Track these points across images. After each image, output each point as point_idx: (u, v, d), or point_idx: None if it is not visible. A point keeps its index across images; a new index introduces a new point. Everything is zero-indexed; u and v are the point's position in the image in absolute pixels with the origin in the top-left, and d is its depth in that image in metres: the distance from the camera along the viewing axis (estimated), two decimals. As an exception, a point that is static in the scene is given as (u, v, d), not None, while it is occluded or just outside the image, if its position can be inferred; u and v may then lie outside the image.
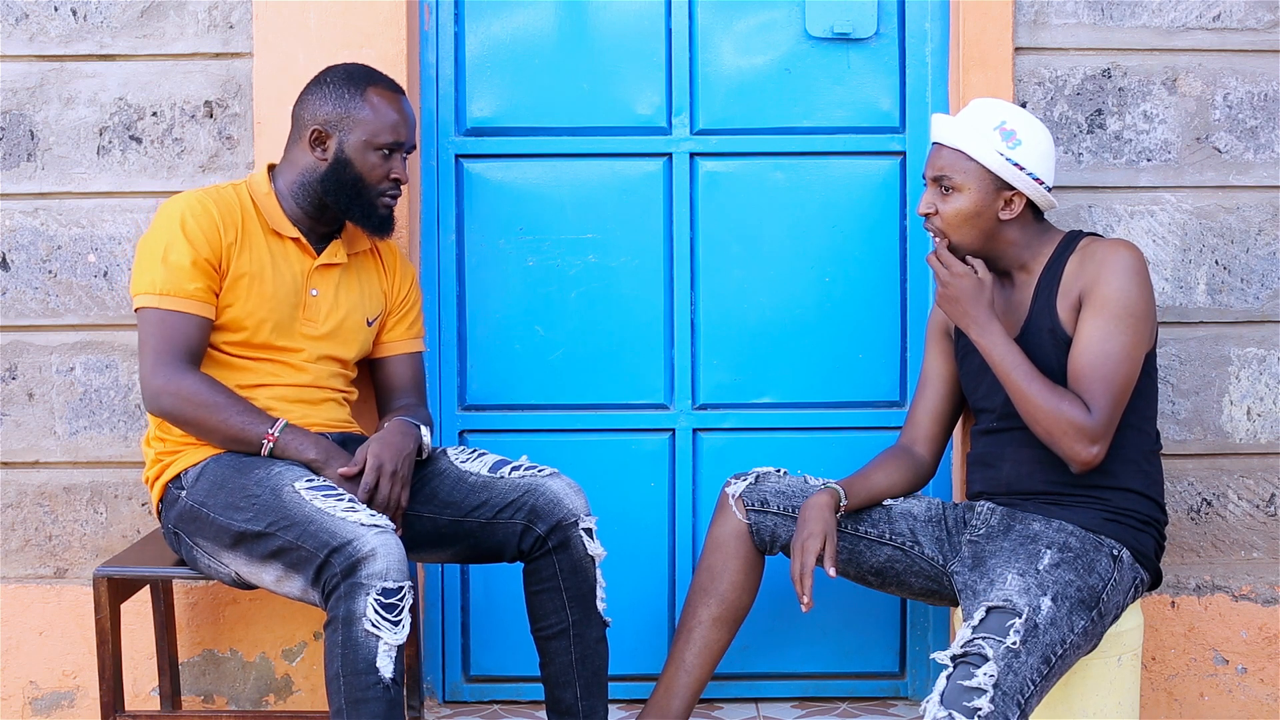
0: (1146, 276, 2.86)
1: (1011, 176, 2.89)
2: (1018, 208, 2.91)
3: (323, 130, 2.95)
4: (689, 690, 3.03)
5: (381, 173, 2.96)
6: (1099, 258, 2.87)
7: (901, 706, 3.49)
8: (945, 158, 2.92)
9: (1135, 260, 2.85)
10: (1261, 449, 3.38)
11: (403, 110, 2.98)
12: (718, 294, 3.46)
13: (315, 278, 3.01)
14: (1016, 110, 2.93)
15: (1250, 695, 3.39)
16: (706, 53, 3.44)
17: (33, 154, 3.31)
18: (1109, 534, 2.85)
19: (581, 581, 2.94)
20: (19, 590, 3.36)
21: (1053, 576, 2.72)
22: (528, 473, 2.97)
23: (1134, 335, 2.83)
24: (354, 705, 2.64)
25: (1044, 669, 2.63)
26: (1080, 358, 2.83)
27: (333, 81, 2.97)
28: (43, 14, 3.30)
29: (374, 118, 2.94)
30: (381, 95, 2.96)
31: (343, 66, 3.01)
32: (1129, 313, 2.83)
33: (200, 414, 2.85)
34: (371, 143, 2.94)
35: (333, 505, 2.72)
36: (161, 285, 2.87)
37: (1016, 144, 2.89)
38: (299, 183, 2.99)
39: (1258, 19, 3.32)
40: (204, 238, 2.89)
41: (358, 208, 2.97)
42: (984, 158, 2.88)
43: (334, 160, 2.95)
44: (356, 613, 2.62)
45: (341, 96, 2.95)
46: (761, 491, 3.04)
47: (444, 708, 3.50)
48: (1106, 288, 2.84)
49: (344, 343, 3.05)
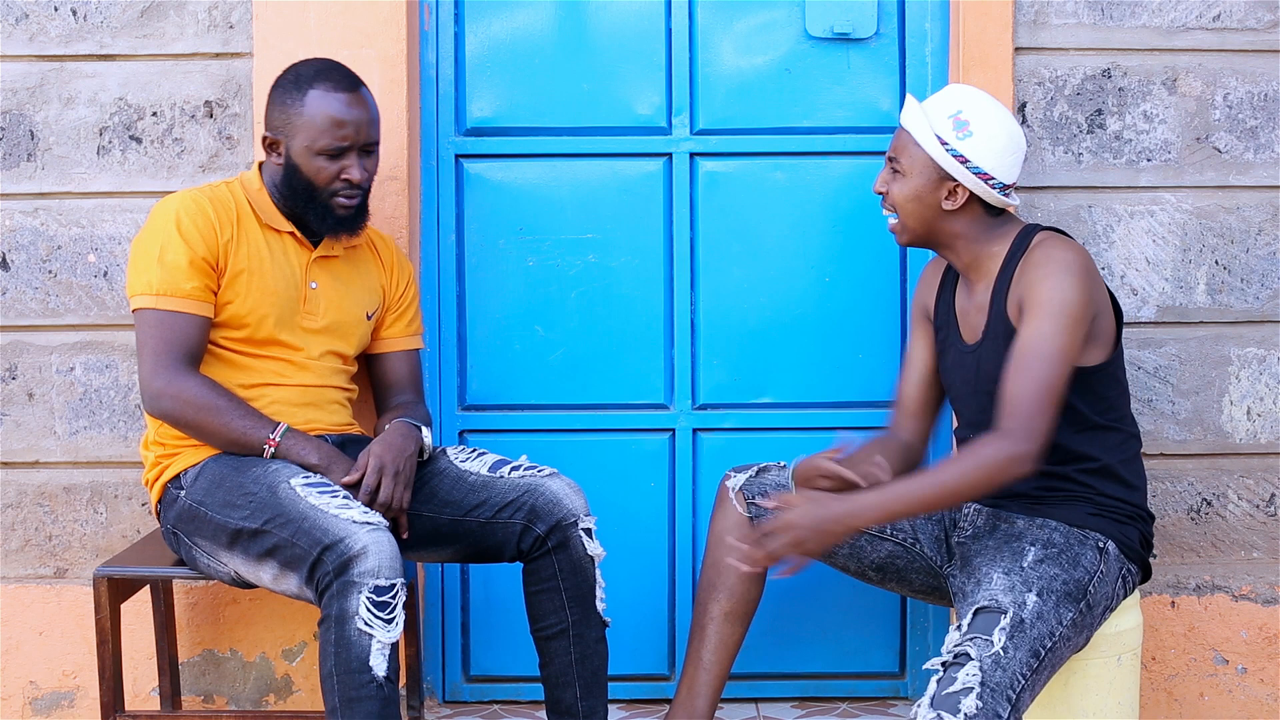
0: (1085, 274, 2.80)
1: (951, 168, 2.84)
2: (960, 200, 2.87)
3: (271, 136, 2.93)
4: (710, 687, 3.04)
5: (329, 175, 2.91)
6: (1038, 260, 2.82)
7: (901, 706, 3.49)
8: (900, 139, 2.91)
9: (1076, 260, 2.80)
10: (1261, 449, 3.38)
11: (349, 108, 2.90)
12: (718, 294, 3.46)
13: (314, 270, 3.00)
14: (982, 102, 2.88)
15: (1250, 695, 3.39)
16: (706, 53, 3.44)
17: (33, 154, 3.31)
18: (1093, 527, 2.84)
19: (581, 581, 2.94)
20: (19, 590, 3.36)
21: (1037, 572, 2.72)
22: (527, 473, 2.97)
23: (1068, 334, 2.76)
24: (348, 704, 2.64)
25: (1033, 663, 2.63)
26: (1013, 363, 2.76)
27: (282, 84, 2.94)
28: (43, 14, 3.30)
29: (313, 122, 2.88)
30: (324, 96, 2.89)
31: (294, 67, 2.95)
32: (1063, 312, 2.77)
33: (201, 417, 2.85)
34: (312, 148, 2.89)
35: (326, 502, 2.72)
36: (158, 285, 2.86)
37: (966, 135, 2.84)
38: (273, 184, 2.98)
39: (1258, 19, 3.32)
40: (200, 236, 2.88)
41: (312, 211, 2.94)
42: (926, 144, 2.85)
43: (285, 166, 2.93)
44: (349, 611, 2.62)
45: (284, 101, 2.91)
46: (762, 484, 3.04)
47: (444, 708, 3.50)
48: (1042, 289, 2.78)
49: (344, 336, 3.04)
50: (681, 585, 3.49)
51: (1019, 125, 2.91)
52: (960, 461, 2.74)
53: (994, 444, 2.72)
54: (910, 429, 3.07)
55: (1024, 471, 2.72)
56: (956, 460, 2.75)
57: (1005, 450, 2.71)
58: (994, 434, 2.74)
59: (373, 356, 3.17)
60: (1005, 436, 2.72)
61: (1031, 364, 2.74)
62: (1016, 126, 2.89)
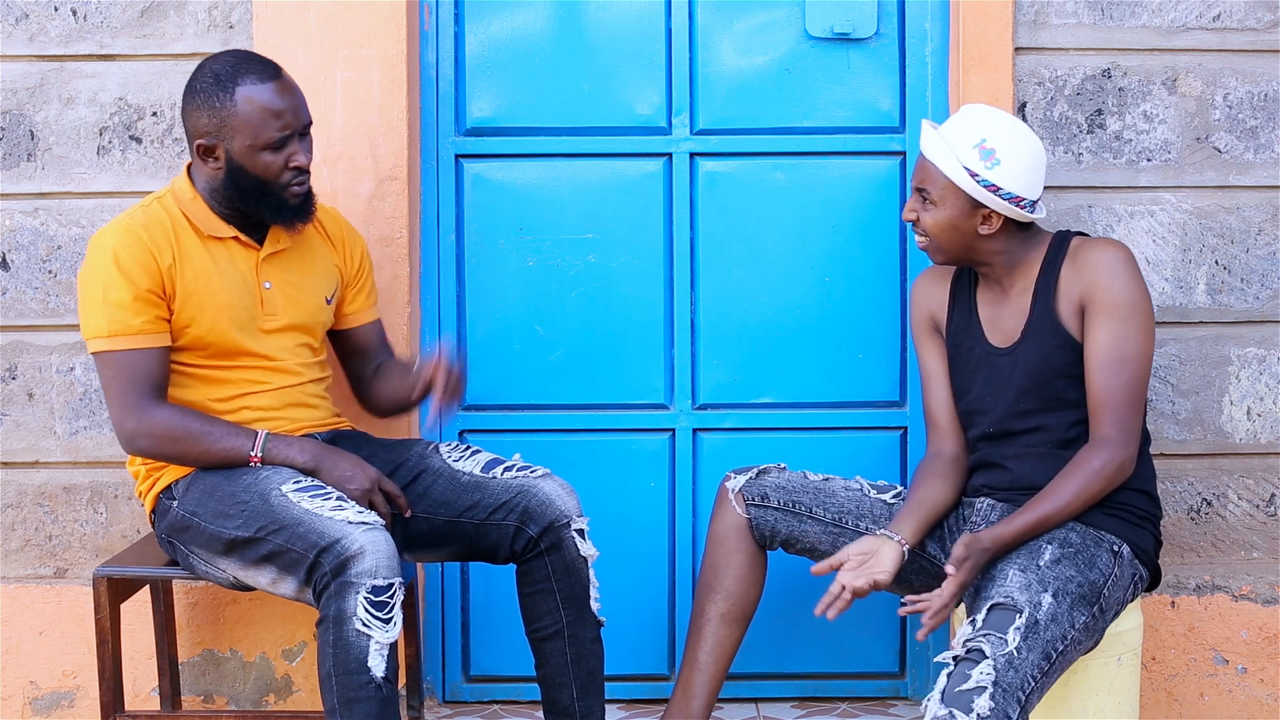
0: (1139, 271, 2.89)
1: (984, 198, 2.87)
2: (996, 224, 2.90)
3: (205, 143, 2.85)
4: (706, 689, 3.04)
5: (278, 166, 2.86)
6: (1094, 259, 2.88)
7: (901, 706, 3.49)
8: (926, 171, 2.92)
9: (1129, 257, 2.88)
10: (1261, 449, 3.38)
11: (281, 96, 2.85)
12: (718, 294, 3.46)
13: (265, 270, 2.94)
14: (1002, 124, 2.89)
15: (1250, 695, 3.39)
16: (706, 53, 3.44)
17: (33, 154, 3.31)
18: (1109, 529, 2.85)
19: (575, 582, 2.94)
20: (19, 590, 3.36)
21: (1053, 572, 2.73)
22: (520, 473, 2.96)
23: (1144, 333, 2.86)
24: (346, 705, 2.64)
25: (1044, 665, 2.64)
26: (1099, 370, 2.85)
27: (203, 88, 2.85)
28: (43, 14, 3.30)
29: (250, 118, 2.82)
30: (254, 89, 2.83)
31: (209, 66, 2.87)
32: (1136, 310, 2.86)
33: (180, 448, 2.82)
34: (256, 144, 2.83)
35: (320, 505, 2.71)
36: (108, 327, 2.80)
37: (994, 164, 2.86)
38: (209, 190, 2.91)
39: (1258, 19, 3.32)
40: (140, 268, 2.81)
41: (266, 206, 2.89)
42: (957, 178, 2.87)
43: (227, 168, 2.86)
44: (347, 612, 2.62)
45: (212, 104, 2.84)
46: (762, 486, 3.04)
47: (444, 708, 3.50)
48: (1110, 291, 2.85)
49: (307, 329, 3.01)
50: (681, 585, 3.49)
51: (1035, 136, 2.92)
52: (1074, 478, 2.82)
53: (1100, 455, 2.83)
54: (953, 441, 3.07)
55: (1128, 475, 2.85)
56: (1070, 477, 2.83)
57: (1113, 459, 2.82)
58: (1095, 444, 2.84)
59: (340, 333, 3.12)
60: (1107, 445, 2.83)
61: (1119, 368, 2.84)
62: (1036, 141, 2.92)
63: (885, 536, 2.90)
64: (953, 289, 3.07)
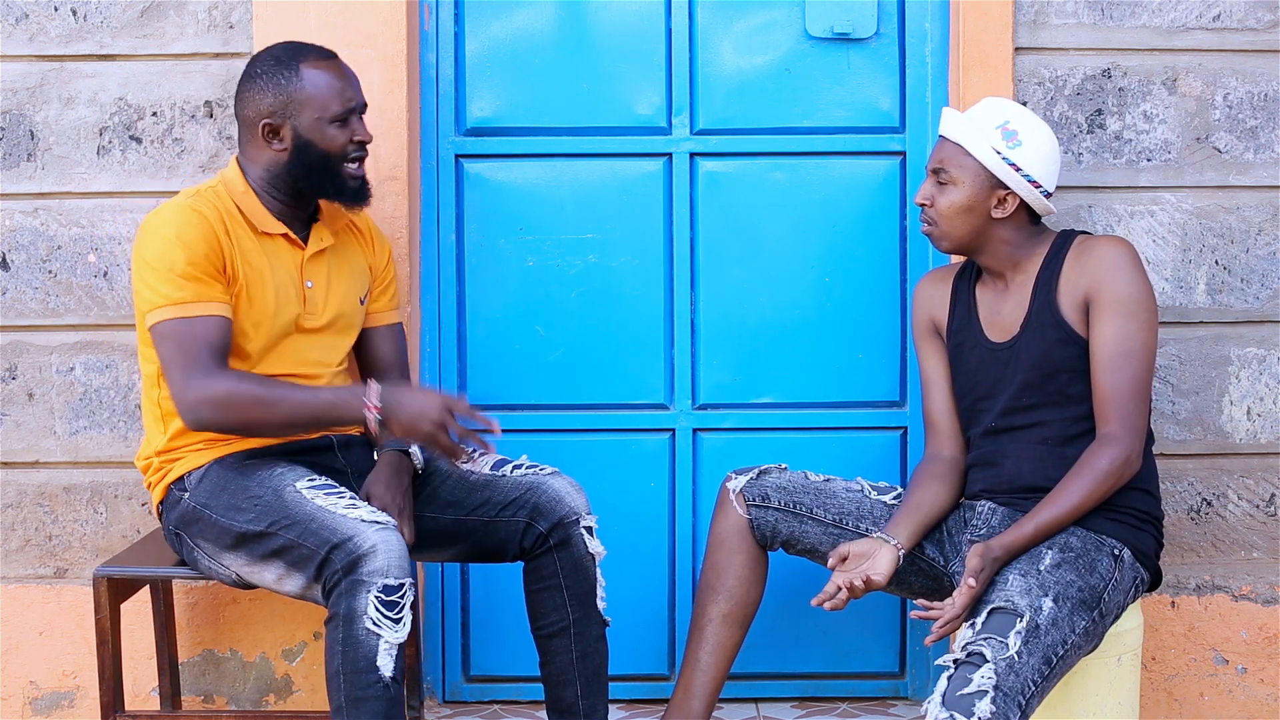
0: (1144, 267, 2.91)
1: (1006, 176, 2.90)
2: (1010, 207, 2.92)
3: (272, 122, 2.88)
4: (706, 690, 3.05)
5: (343, 141, 2.89)
6: (1099, 255, 2.89)
7: (901, 706, 3.49)
8: (946, 150, 2.94)
9: (1133, 254, 2.89)
10: (1261, 449, 3.38)
11: (343, 74, 2.91)
12: (718, 294, 3.46)
13: (309, 269, 2.96)
14: (1024, 113, 2.94)
15: (1250, 695, 3.39)
16: (706, 53, 3.44)
17: (33, 154, 3.31)
18: (1110, 533, 2.86)
19: (582, 580, 2.95)
20: (19, 590, 3.36)
21: (1054, 577, 2.73)
22: (529, 471, 2.98)
23: (1149, 329, 2.87)
24: (354, 704, 2.64)
25: (1045, 669, 2.64)
26: (1104, 366, 2.86)
27: (264, 71, 2.89)
28: (43, 14, 3.30)
29: (318, 92, 2.87)
30: (317, 67, 2.88)
31: (265, 54, 2.92)
32: (1142, 306, 2.87)
33: (251, 413, 2.76)
34: (324, 117, 2.87)
35: (334, 503, 2.72)
36: (168, 295, 2.77)
37: (1016, 144, 2.90)
38: (267, 178, 2.91)
39: (1258, 19, 3.32)
40: (203, 242, 2.80)
41: (330, 184, 2.90)
42: (981, 154, 2.90)
43: (294, 146, 2.88)
44: (357, 610, 2.62)
45: (277, 82, 2.87)
46: (763, 486, 3.05)
47: (444, 708, 3.50)
48: (1116, 286, 2.87)
49: (344, 329, 3.01)
50: (681, 585, 3.49)
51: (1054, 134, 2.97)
52: (1082, 479, 2.83)
53: (1106, 454, 2.83)
54: (952, 444, 3.08)
55: (1136, 470, 2.85)
56: (1078, 478, 2.83)
57: (1119, 456, 2.83)
58: (1101, 442, 2.84)
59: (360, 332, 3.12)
60: (1114, 442, 2.83)
61: (1123, 364, 2.85)
62: (1054, 138, 2.96)
63: (881, 540, 2.92)
64: (953, 291, 3.07)
